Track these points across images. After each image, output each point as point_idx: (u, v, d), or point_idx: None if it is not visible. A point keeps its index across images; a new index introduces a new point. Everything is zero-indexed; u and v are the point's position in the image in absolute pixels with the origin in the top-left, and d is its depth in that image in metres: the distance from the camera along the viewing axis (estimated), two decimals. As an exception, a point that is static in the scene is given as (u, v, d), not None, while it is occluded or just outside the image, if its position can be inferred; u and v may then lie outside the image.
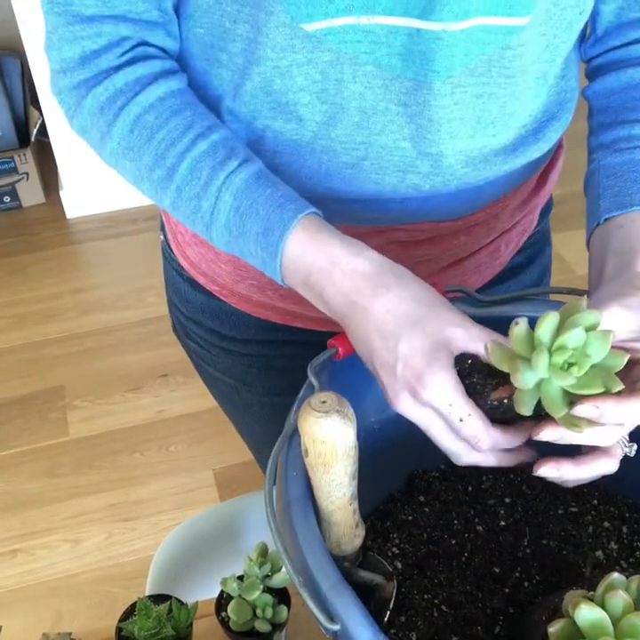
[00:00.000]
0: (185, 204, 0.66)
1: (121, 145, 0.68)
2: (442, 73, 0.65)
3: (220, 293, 0.87)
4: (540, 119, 0.74)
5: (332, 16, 0.61)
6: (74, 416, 2.07)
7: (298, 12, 0.61)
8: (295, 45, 0.63)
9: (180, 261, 0.89)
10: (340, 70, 0.65)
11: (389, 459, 0.71)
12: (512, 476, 0.78)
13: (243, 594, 0.80)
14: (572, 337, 0.51)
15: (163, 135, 0.66)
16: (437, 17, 0.61)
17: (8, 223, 2.61)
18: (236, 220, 0.64)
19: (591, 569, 0.71)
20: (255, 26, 0.63)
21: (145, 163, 0.67)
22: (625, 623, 0.52)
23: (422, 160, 0.70)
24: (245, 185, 0.64)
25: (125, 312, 2.32)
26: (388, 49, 0.64)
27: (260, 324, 0.87)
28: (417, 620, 0.66)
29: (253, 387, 0.95)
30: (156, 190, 0.68)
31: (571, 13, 0.67)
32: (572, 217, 1.35)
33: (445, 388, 0.55)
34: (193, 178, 0.65)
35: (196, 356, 0.99)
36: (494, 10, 0.62)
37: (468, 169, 0.72)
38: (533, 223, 0.91)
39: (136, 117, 0.66)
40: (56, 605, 1.71)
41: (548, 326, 0.52)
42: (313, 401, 0.53)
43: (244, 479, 1.87)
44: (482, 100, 0.68)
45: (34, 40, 2.22)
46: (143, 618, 0.77)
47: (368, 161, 0.70)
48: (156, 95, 0.67)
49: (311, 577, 0.53)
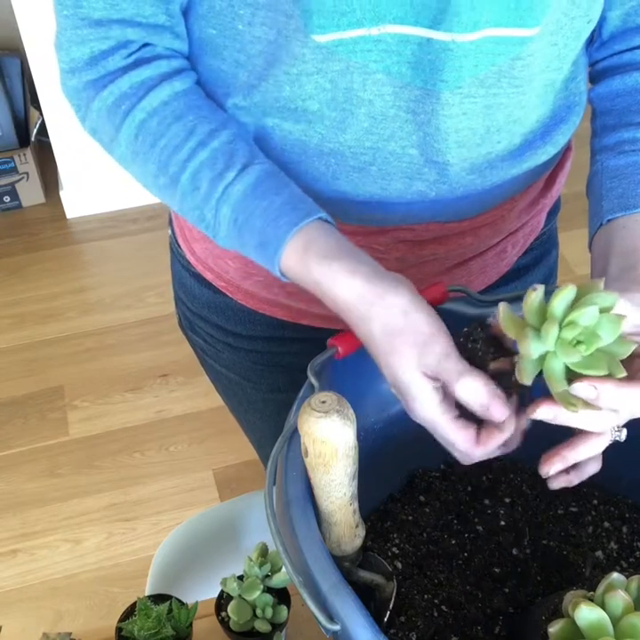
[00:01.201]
0: (190, 212, 0.68)
1: (128, 149, 0.69)
2: (450, 83, 0.65)
3: (226, 289, 0.87)
4: (547, 124, 0.74)
5: (343, 29, 0.61)
6: (74, 416, 2.07)
7: (310, 23, 0.61)
8: (305, 55, 0.64)
9: (188, 257, 0.89)
10: (350, 79, 0.65)
11: (389, 459, 0.71)
12: (512, 475, 0.78)
13: (243, 594, 0.80)
14: (586, 315, 0.51)
15: (165, 142, 0.67)
16: (447, 27, 0.61)
17: (8, 223, 2.61)
18: (235, 232, 0.66)
19: (591, 569, 0.71)
20: (275, 28, 0.63)
21: (150, 169, 0.69)
22: (625, 623, 0.52)
23: (429, 168, 0.70)
24: (242, 196, 0.65)
25: (125, 312, 2.32)
26: (399, 57, 0.64)
27: (266, 321, 0.88)
28: (417, 620, 0.66)
29: (258, 383, 0.95)
30: (163, 196, 0.71)
31: (580, 22, 0.67)
32: (573, 217, 1.34)
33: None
34: (194, 189, 0.67)
35: (201, 352, 0.99)
36: (505, 21, 0.62)
37: (474, 176, 0.72)
38: (541, 224, 0.90)
39: (140, 123, 0.68)
40: (56, 605, 1.70)
41: (564, 300, 0.52)
42: (313, 401, 0.53)
43: (244, 479, 1.87)
44: (492, 110, 0.68)
45: (34, 40, 2.21)
46: (143, 618, 0.77)
47: (375, 166, 0.70)
48: (159, 99, 0.67)
49: (311, 577, 0.53)
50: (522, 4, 0.61)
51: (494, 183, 0.74)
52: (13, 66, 2.49)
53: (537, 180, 0.81)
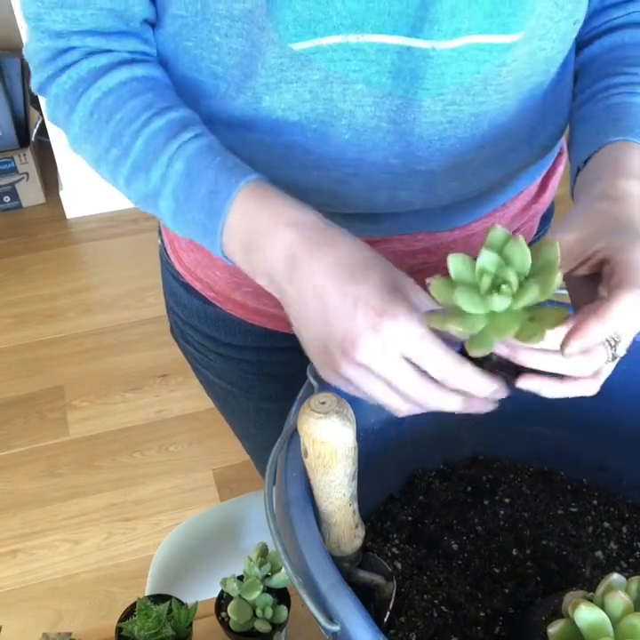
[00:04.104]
0: (137, 178, 0.65)
1: (82, 129, 0.67)
2: (432, 90, 0.64)
3: (215, 299, 0.86)
4: (533, 127, 0.73)
5: (320, 35, 0.60)
6: (74, 416, 2.07)
7: (286, 32, 0.60)
8: (284, 64, 0.63)
9: (177, 267, 0.89)
10: (330, 89, 0.64)
11: (389, 459, 0.71)
12: (512, 475, 0.78)
13: (243, 594, 0.80)
14: (484, 259, 0.50)
15: (120, 116, 0.65)
16: (427, 35, 0.60)
17: (8, 223, 2.61)
18: (185, 184, 0.62)
19: (591, 569, 0.71)
20: (250, 40, 0.62)
21: (103, 144, 0.66)
22: (624, 624, 0.52)
23: (413, 177, 0.69)
24: (198, 152, 0.62)
25: (125, 312, 2.32)
26: (378, 67, 0.63)
27: (256, 331, 0.87)
28: (417, 620, 0.66)
29: (249, 392, 0.95)
30: (112, 171, 0.67)
31: (565, 25, 0.66)
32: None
33: (412, 320, 0.53)
34: (148, 153, 0.64)
35: (193, 360, 0.99)
36: (487, 28, 0.61)
37: (460, 183, 0.71)
38: (534, 230, 0.90)
39: (96, 101, 0.66)
40: (56, 605, 1.71)
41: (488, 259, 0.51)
42: (312, 402, 0.53)
43: (244, 479, 1.87)
44: (479, 118, 0.67)
45: (34, 40, 2.22)
46: (143, 618, 0.77)
47: (359, 178, 0.69)
48: (116, 80, 0.66)
49: (311, 577, 0.52)
50: (503, 11, 0.60)
51: (481, 189, 0.73)
52: (13, 66, 2.49)
53: (528, 185, 0.81)
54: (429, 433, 0.70)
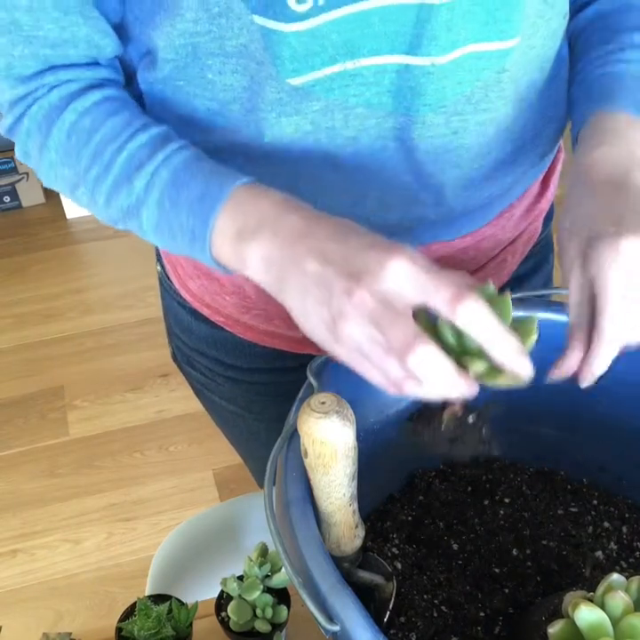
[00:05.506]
0: (118, 192, 0.62)
1: (59, 153, 0.65)
2: (433, 105, 0.63)
3: (224, 324, 0.85)
4: (536, 126, 0.73)
5: (317, 68, 0.60)
6: (74, 416, 2.07)
7: (283, 68, 0.60)
8: (282, 98, 0.62)
9: (182, 294, 0.87)
10: (331, 117, 0.63)
11: (389, 459, 0.71)
12: (512, 475, 0.78)
13: (243, 594, 0.80)
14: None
15: (100, 135, 0.63)
16: (425, 52, 0.60)
17: (8, 223, 2.61)
18: (172, 191, 0.59)
19: (591, 569, 0.71)
20: (247, 75, 0.61)
21: (83, 165, 0.64)
22: (625, 624, 0.52)
23: (426, 192, 0.69)
24: (185, 163, 0.60)
25: (125, 312, 2.32)
26: (378, 88, 0.62)
27: (267, 353, 0.86)
28: (417, 620, 0.66)
29: (260, 414, 0.93)
30: (91, 191, 0.64)
31: (556, 21, 0.67)
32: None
33: (417, 259, 0.52)
34: (131, 166, 0.61)
35: (198, 385, 0.97)
36: (484, 36, 0.61)
37: (471, 191, 0.71)
38: (538, 231, 0.90)
39: (72, 124, 0.64)
40: (56, 605, 1.71)
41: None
42: (312, 402, 0.53)
43: (244, 479, 1.85)
44: (485, 126, 0.67)
45: (34, 40, 2.21)
46: (143, 618, 0.77)
47: (370, 199, 0.69)
48: (90, 101, 0.64)
49: (311, 578, 0.52)
50: (498, 18, 0.60)
51: (492, 194, 0.74)
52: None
53: (532, 183, 0.81)
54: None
